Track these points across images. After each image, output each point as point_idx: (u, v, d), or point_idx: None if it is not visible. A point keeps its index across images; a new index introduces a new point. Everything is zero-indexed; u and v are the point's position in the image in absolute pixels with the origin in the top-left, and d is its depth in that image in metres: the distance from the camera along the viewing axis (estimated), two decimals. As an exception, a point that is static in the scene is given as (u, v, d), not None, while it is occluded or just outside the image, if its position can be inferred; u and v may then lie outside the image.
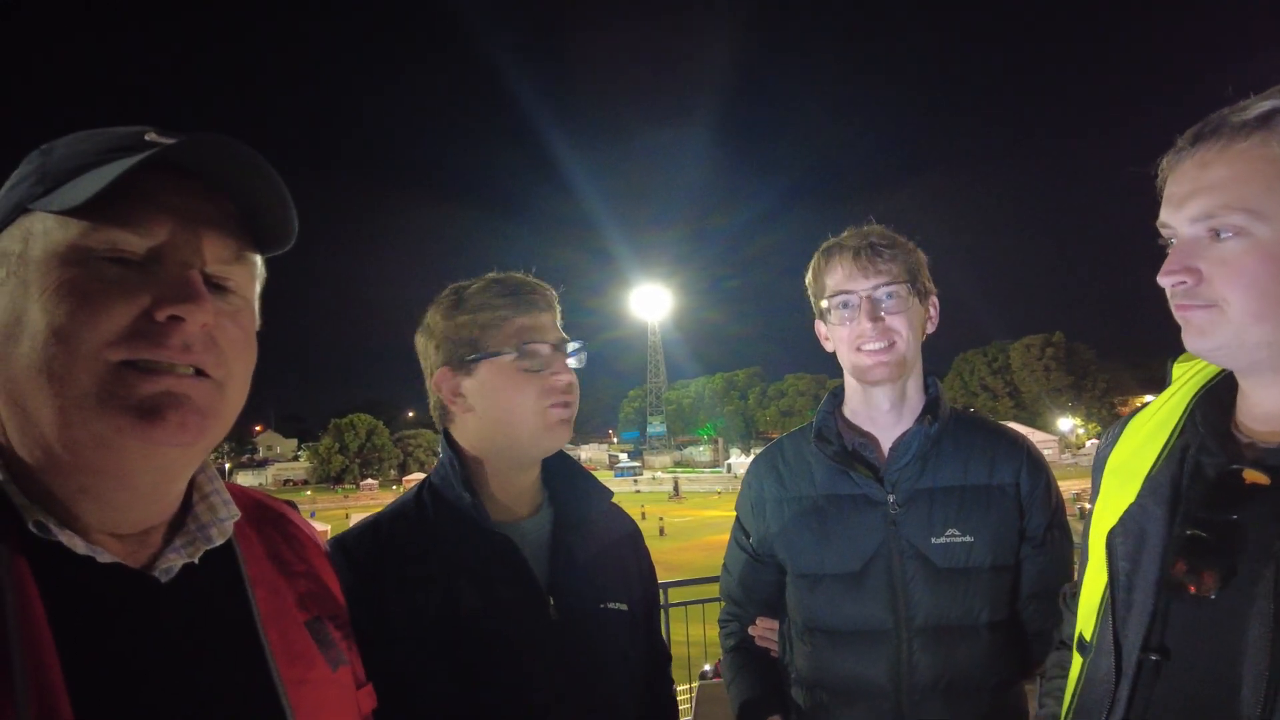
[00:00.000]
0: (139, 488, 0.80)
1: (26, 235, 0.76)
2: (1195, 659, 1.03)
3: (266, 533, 0.98)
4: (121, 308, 0.74)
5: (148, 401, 0.75)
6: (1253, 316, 0.98)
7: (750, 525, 1.94)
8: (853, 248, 1.71)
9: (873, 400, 1.78)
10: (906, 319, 1.69)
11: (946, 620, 1.67)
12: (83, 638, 0.72)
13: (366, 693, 1.02)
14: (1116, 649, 1.11)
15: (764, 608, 1.98)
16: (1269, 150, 0.96)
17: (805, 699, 1.79)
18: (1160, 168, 1.09)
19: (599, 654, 1.41)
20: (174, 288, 0.76)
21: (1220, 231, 1.00)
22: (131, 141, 0.79)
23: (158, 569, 0.81)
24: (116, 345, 0.74)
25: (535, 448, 1.46)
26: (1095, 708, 1.13)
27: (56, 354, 0.72)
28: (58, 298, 0.73)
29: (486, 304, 1.43)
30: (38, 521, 0.74)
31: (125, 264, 0.76)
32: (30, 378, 0.73)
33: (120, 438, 0.74)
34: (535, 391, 1.41)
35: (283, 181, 0.84)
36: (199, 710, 0.78)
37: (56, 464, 0.76)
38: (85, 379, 0.73)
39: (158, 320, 0.75)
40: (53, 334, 0.72)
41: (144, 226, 0.76)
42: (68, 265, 0.74)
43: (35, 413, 0.74)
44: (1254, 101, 0.99)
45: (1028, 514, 1.74)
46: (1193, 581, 1.01)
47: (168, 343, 0.76)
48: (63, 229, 0.75)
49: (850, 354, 1.73)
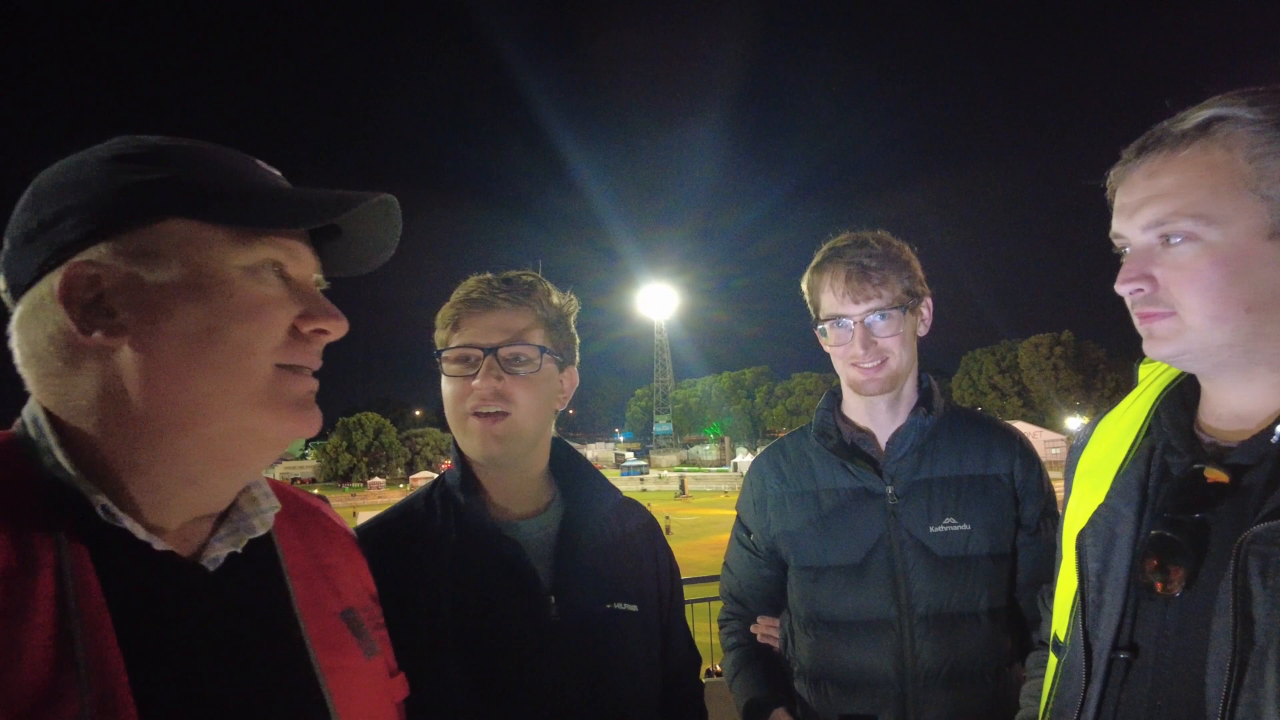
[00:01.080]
0: (242, 475, 0.89)
1: (190, 241, 0.80)
2: (1163, 655, 1.06)
3: (303, 525, 1.02)
4: (282, 318, 0.85)
5: (303, 399, 0.87)
6: (1210, 319, 1.02)
7: (752, 522, 1.96)
8: (845, 270, 1.72)
9: (870, 402, 1.82)
10: (900, 338, 1.73)
11: (947, 608, 1.71)
12: (139, 622, 0.76)
13: (399, 681, 1.06)
14: (1087, 648, 1.14)
15: (765, 605, 2.00)
16: (1210, 157, 1.00)
17: (810, 691, 1.82)
18: (1108, 180, 1.13)
19: (603, 655, 1.39)
20: (319, 304, 0.88)
21: (1171, 238, 1.03)
22: (243, 165, 0.88)
23: (205, 558, 0.85)
24: (279, 350, 0.84)
25: (472, 451, 1.40)
26: (1069, 706, 1.16)
27: (238, 356, 0.81)
28: (243, 308, 0.82)
29: (446, 308, 1.44)
30: (104, 506, 0.77)
31: (281, 277, 0.85)
32: (202, 375, 0.80)
33: (278, 429, 0.85)
34: (455, 396, 1.39)
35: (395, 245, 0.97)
36: (246, 696, 0.82)
37: (150, 454, 0.80)
38: (259, 379, 0.83)
39: (303, 332, 0.87)
40: (238, 339, 0.81)
41: (288, 246, 0.86)
42: (248, 277, 0.83)
43: (184, 407, 0.80)
44: (1192, 111, 1.03)
45: (1022, 503, 1.78)
46: (1160, 580, 1.04)
47: (313, 350, 0.89)
48: (239, 243, 0.82)
49: (845, 368, 1.78)
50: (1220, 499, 1.03)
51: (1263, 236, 0.99)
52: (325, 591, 0.97)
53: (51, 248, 0.78)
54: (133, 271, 0.78)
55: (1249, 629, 0.93)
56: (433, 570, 1.35)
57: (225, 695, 0.80)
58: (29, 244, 0.80)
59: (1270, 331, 1.01)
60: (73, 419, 0.80)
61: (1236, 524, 0.99)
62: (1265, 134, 0.98)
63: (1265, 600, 0.92)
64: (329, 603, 0.97)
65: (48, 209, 0.80)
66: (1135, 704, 1.07)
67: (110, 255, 0.78)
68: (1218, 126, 1.00)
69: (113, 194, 0.79)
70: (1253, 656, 0.92)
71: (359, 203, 0.86)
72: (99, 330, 0.78)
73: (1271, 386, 1.04)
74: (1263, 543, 0.93)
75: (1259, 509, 0.97)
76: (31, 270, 0.79)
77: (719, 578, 2.10)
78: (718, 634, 2.10)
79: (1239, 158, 0.99)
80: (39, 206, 0.80)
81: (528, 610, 1.35)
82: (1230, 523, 1.01)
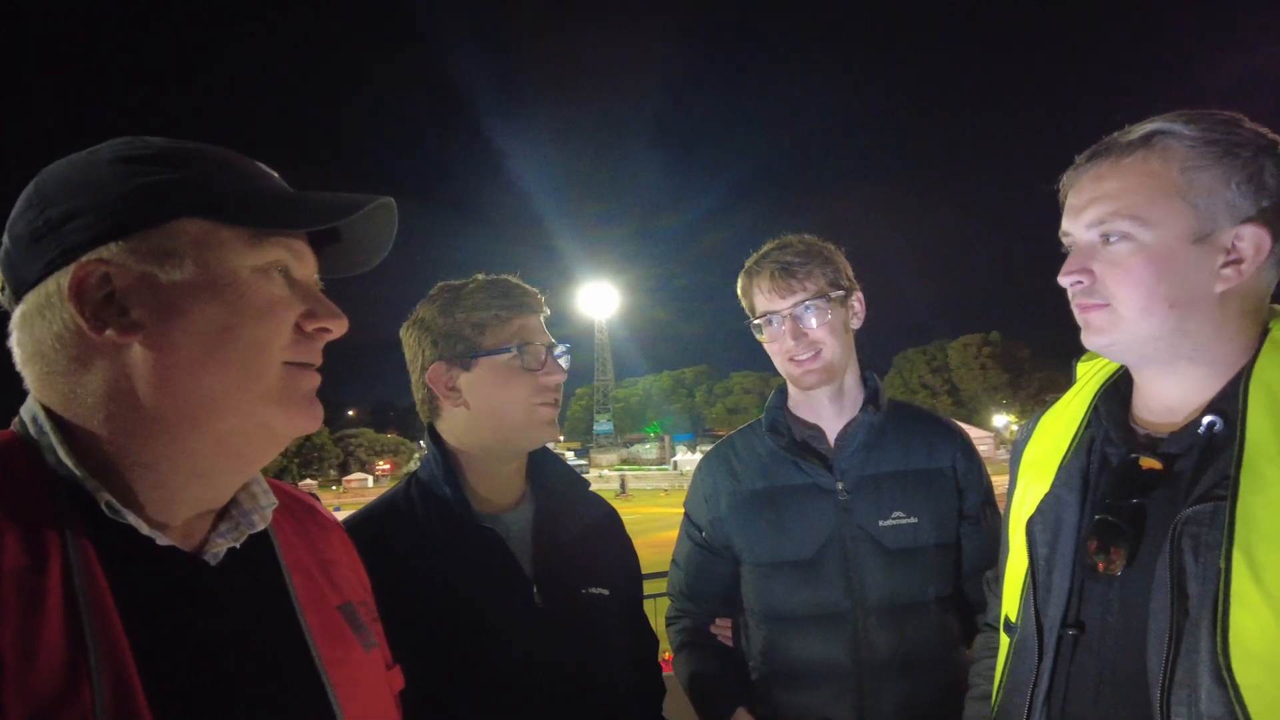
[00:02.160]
0: (248, 470, 0.91)
1: (203, 241, 0.82)
2: (1107, 630, 1.15)
3: (300, 521, 1.04)
4: (290, 317, 0.87)
5: (309, 395, 0.91)
6: (1139, 311, 1.12)
7: (703, 518, 1.98)
8: (769, 269, 1.80)
9: (813, 397, 1.88)
10: (829, 328, 1.79)
11: (898, 598, 1.77)
12: (145, 615, 0.77)
13: (396, 673, 1.08)
14: (1038, 627, 1.22)
15: (715, 601, 2.01)
16: (1149, 165, 1.11)
17: (767, 686, 1.85)
18: (1062, 184, 1.24)
19: (583, 638, 1.46)
20: (322, 304, 0.91)
21: (1110, 236, 1.14)
22: (249, 167, 0.90)
23: (207, 553, 0.87)
24: (287, 348, 0.87)
25: (524, 442, 1.54)
26: (1022, 682, 1.24)
27: (252, 354, 0.84)
28: (255, 308, 0.84)
29: (485, 303, 1.51)
30: (109, 503, 0.78)
31: (286, 277, 0.87)
32: (217, 373, 0.81)
33: (288, 424, 0.87)
34: (529, 389, 1.50)
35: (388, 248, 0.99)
36: (251, 687, 0.84)
37: (159, 450, 0.81)
38: (271, 376, 0.86)
39: (307, 330, 0.89)
40: (251, 338, 0.83)
41: (295, 247, 0.88)
42: (259, 277, 0.85)
43: (198, 404, 0.81)
44: (1138, 125, 1.15)
45: (965, 493, 1.86)
46: (1103, 561, 1.14)
47: (316, 347, 0.92)
48: (251, 245, 0.84)
49: (783, 364, 1.84)
50: (1155, 485, 1.13)
51: (1188, 240, 1.09)
52: (324, 586, 0.99)
53: (60, 247, 0.79)
54: (147, 270, 0.80)
55: (1184, 602, 1.02)
56: (423, 561, 1.40)
57: (232, 686, 0.82)
58: (36, 243, 0.80)
59: (1191, 328, 1.11)
60: (77, 417, 0.80)
61: (1170, 508, 1.09)
62: (1197, 149, 1.09)
63: (1198, 575, 1.01)
64: (328, 597, 0.98)
65: (55, 209, 0.80)
66: (1084, 676, 1.16)
67: (123, 254, 0.79)
68: (1158, 139, 1.11)
69: (127, 195, 0.80)
70: (1188, 627, 1.01)
71: (366, 205, 0.89)
72: (111, 328, 0.79)
73: (1196, 380, 1.14)
74: (1194, 524, 1.03)
75: (1189, 493, 1.07)
76: (38, 269, 0.80)
77: (661, 575, 2.11)
78: (664, 631, 2.10)
79: (1174, 169, 1.10)
80: (45, 206, 0.81)
81: (515, 597, 1.42)
82: (1164, 507, 1.11)
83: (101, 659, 0.71)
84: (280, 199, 0.90)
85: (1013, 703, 1.26)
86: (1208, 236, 1.09)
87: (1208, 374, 1.13)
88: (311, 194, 0.90)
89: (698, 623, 2.02)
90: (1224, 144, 1.08)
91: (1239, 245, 1.08)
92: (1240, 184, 1.08)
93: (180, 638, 0.80)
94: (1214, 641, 0.97)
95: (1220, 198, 1.08)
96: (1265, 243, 1.08)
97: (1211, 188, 1.08)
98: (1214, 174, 1.08)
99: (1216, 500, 1.02)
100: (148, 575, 0.80)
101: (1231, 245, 1.08)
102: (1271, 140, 1.10)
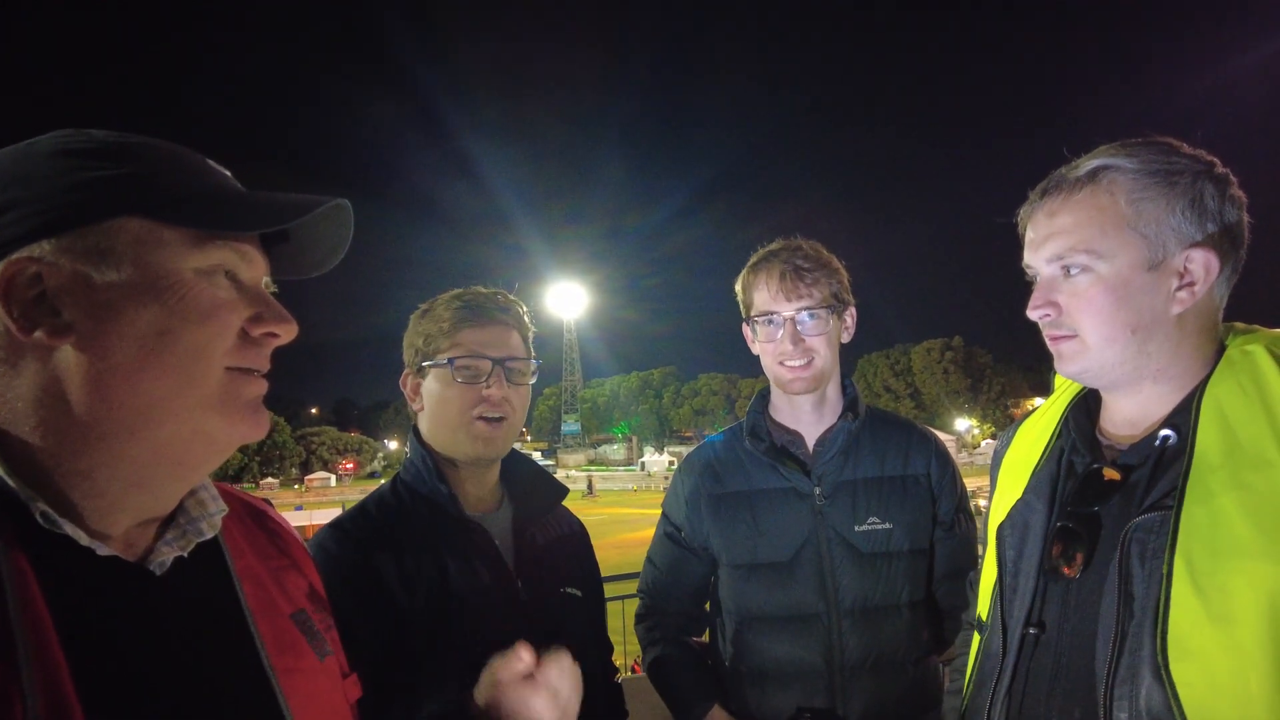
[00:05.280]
0: (191, 479, 0.87)
1: (144, 241, 0.78)
2: (1063, 630, 1.21)
3: (249, 528, 1.01)
4: (234, 321, 0.84)
5: (253, 402, 0.87)
6: (1104, 339, 1.18)
7: (681, 518, 2.01)
8: (779, 269, 1.81)
9: (796, 403, 1.91)
10: (826, 338, 1.83)
11: (872, 602, 1.81)
12: (84, 628, 0.74)
13: (351, 682, 1.06)
14: (1004, 627, 1.29)
15: (686, 600, 2.04)
16: (1098, 200, 1.17)
17: (741, 685, 1.87)
18: (1019, 218, 1.29)
19: (562, 634, 1.48)
20: (270, 307, 0.87)
21: (1070, 269, 1.19)
22: (199, 164, 0.86)
23: (152, 562, 0.84)
24: (230, 353, 0.84)
25: (462, 452, 1.57)
26: (988, 678, 1.31)
27: (191, 359, 0.80)
28: (196, 311, 0.79)
29: (441, 315, 1.56)
30: (44, 513, 0.75)
31: (232, 280, 0.84)
32: (154, 378, 0.78)
33: (229, 432, 0.83)
34: (464, 401, 1.54)
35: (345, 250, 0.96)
36: (198, 700, 0.81)
37: (94, 458, 0.78)
38: (212, 382, 0.82)
39: (253, 335, 0.84)
40: (191, 342, 0.80)
41: (242, 249, 0.85)
42: (201, 279, 0.81)
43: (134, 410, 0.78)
44: (1084, 160, 1.20)
45: (939, 501, 1.91)
46: (1064, 564, 1.20)
47: (263, 353, 0.88)
48: (195, 246, 0.81)
49: (773, 366, 1.86)
50: (1113, 494, 1.19)
51: (1142, 268, 1.15)
52: (275, 594, 0.97)
53: None
54: (81, 270, 0.76)
55: (1129, 604, 1.08)
56: (415, 554, 1.46)
57: (176, 698, 0.79)
58: None
59: (1152, 350, 1.17)
60: (7, 422, 0.77)
61: (1124, 515, 1.15)
62: (1141, 181, 1.15)
63: (1143, 579, 1.07)
64: (280, 605, 0.96)
65: None
66: (1041, 672, 1.23)
67: (56, 252, 0.76)
68: (1103, 174, 1.17)
69: (65, 190, 0.77)
70: (1132, 627, 1.07)
71: (317, 207, 0.86)
72: (41, 329, 0.75)
73: (1156, 397, 1.20)
74: (1142, 531, 1.09)
75: (1142, 502, 1.13)
76: None
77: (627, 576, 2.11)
78: (631, 631, 2.11)
79: (1121, 201, 1.15)
80: None
81: (502, 592, 1.50)
82: (1119, 514, 1.17)
83: (35, 676, 0.68)
84: (228, 199, 0.86)
85: (980, 696, 1.33)
86: (1160, 263, 1.14)
87: (1167, 390, 1.19)
88: (262, 194, 0.87)
89: (667, 619, 2.04)
90: (1163, 173, 1.14)
91: (1190, 268, 1.14)
92: (1184, 210, 1.13)
93: (122, 650, 0.77)
94: (1154, 641, 1.03)
95: (1167, 225, 1.14)
96: (1214, 264, 1.13)
97: (1158, 216, 1.14)
98: (1158, 203, 1.14)
99: (1164, 509, 1.08)
100: (87, 587, 0.77)
101: (1184, 269, 1.14)
102: (1208, 163, 1.16)
